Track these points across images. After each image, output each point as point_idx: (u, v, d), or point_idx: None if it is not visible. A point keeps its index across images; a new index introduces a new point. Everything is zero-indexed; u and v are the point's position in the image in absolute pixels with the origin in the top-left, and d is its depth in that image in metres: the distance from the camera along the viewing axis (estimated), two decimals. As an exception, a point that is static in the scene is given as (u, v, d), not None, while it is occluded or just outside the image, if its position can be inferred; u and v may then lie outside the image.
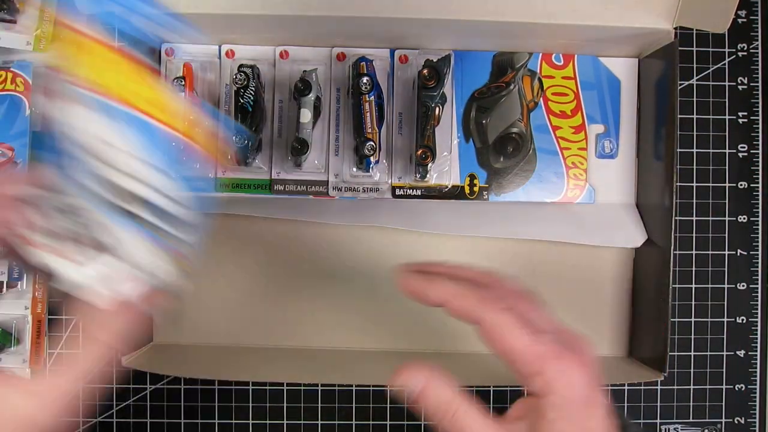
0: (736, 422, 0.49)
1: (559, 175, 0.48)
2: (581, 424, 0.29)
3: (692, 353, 0.50)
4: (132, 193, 0.27)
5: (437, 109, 0.45)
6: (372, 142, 0.44)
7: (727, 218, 0.50)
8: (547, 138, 0.48)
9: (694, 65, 0.50)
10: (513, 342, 0.29)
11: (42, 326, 0.48)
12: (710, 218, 0.50)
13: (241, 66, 0.46)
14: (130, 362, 0.43)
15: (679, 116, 0.48)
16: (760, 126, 0.50)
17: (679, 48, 0.43)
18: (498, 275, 0.33)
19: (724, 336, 0.50)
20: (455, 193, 0.48)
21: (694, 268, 0.50)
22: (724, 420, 0.49)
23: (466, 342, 0.48)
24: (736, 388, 0.50)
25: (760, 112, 0.50)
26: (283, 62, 0.47)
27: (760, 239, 0.50)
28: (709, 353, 0.50)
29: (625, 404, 0.49)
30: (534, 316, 0.31)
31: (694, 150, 0.50)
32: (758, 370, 0.50)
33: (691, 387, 0.49)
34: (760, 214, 0.50)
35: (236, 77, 0.45)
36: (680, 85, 0.49)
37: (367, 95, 0.44)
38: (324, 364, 0.47)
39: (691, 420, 0.49)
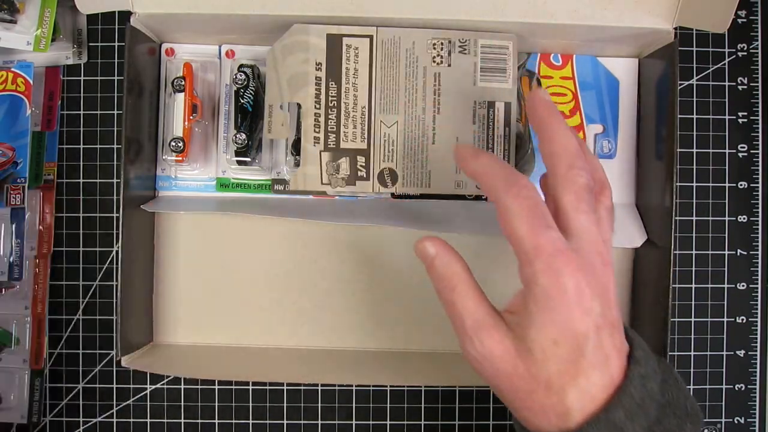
0: (736, 422, 0.49)
1: (559, 175, 0.48)
2: (562, 324, 0.28)
3: (692, 353, 0.50)
4: None
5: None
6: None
7: (727, 218, 0.50)
8: (547, 138, 0.48)
9: (694, 65, 0.50)
10: (515, 228, 0.30)
11: (42, 326, 0.48)
12: (710, 218, 0.50)
13: (241, 66, 0.46)
14: (130, 362, 0.43)
15: (679, 116, 0.48)
16: (760, 126, 0.50)
17: (679, 48, 0.43)
18: (582, 163, 0.32)
19: (724, 336, 0.50)
20: (455, 194, 0.48)
21: (694, 268, 0.50)
22: (724, 420, 0.49)
23: (466, 342, 0.48)
24: (736, 388, 0.50)
25: (760, 112, 0.50)
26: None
27: (760, 239, 0.50)
28: (709, 353, 0.50)
29: (625, 404, 0.49)
30: (576, 215, 0.30)
31: (694, 150, 0.50)
32: (758, 370, 0.50)
33: (691, 387, 0.49)
34: (760, 214, 0.50)
35: (236, 77, 0.45)
36: (680, 85, 0.49)
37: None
38: (324, 364, 0.47)
39: (691, 420, 0.49)
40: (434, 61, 0.44)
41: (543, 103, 0.35)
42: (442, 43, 0.44)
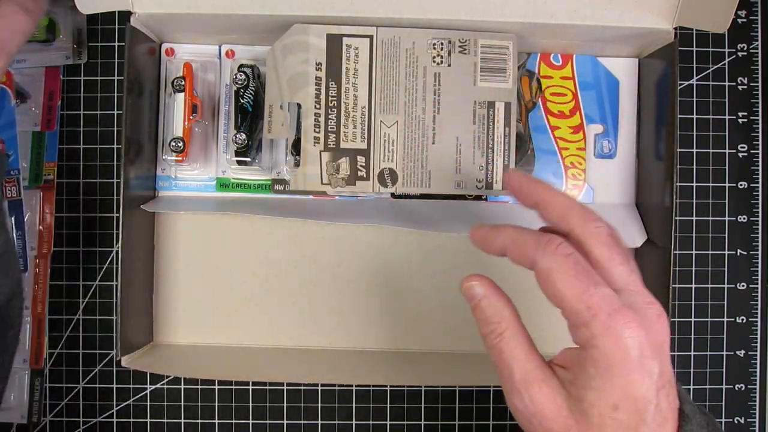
0: (736, 422, 0.49)
1: (558, 176, 0.48)
2: (623, 388, 0.27)
3: (692, 353, 0.50)
4: None
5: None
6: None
7: (727, 218, 0.50)
8: (546, 138, 0.48)
9: (694, 65, 0.50)
10: (564, 289, 0.28)
11: (42, 326, 0.48)
12: (710, 218, 0.50)
13: (241, 66, 0.46)
14: (130, 362, 0.43)
15: (679, 116, 0.48)
16: (760, 126, 0.50)
17: (679, 48, 0.43)
18: (600, 219, 0.31)
19: (724, 336, 0.50)
20: (455, 194, 0.48)
21: (694, 268, 0.50)
22: (724, 420, 0.49)
23: (466, 342, 0.48)
24: (736, 388, 0.50)
25: (760, 112, 0.50)
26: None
27: (760, 239, 0.50)
28: (709, 353, 0.50)
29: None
30: (614, 269, 0.29)
31: (694, 150, 0.50)
32: (758, 370, 0.50)
33: (691, 387, 0.49)
34: (760, 214, 0.50)
35: (236, 77, 0.45)
36: (680, 85, 0.49)
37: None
38: (324, 364, 0.47)
39: (691, 420, 0.49)
40: (434, 61, 0.44)
41: (518, 177, 0.33)
42: (442, 43, 0.44)
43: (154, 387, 0.49)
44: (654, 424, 0.27)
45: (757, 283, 0.50)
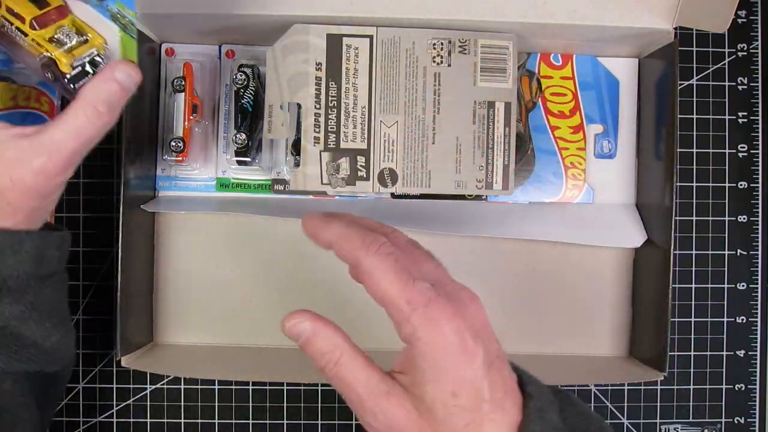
0: (736, 422, 0.49)
1: (558, 176, 0.48)
2: (455, 373, 0.27)
3: (692, 353, 0.50)
4: None
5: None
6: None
7: (727, 218, 0.50)
8: (546, 138, 0.48)
9: (694, 65, 0.50)
10: (385, 286, 0.29)
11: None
12: (710, 218, 0.50)
13: (241, 66, 0.46)
14: (130, 362, 0.43)
15: (679, 116, 0.48)
16: (760, 126, 0.50)
17: (679, 48, 0.43)
18: (395, 230, 0.33)
19: (724, 336, 0.50)
20: (455, 194, 0.48)
21: (694, 268, 0.50)
22: (724, 420, 0.49)
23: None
24: (736, 388, 0.49)
25: (760, 112, 0.50)
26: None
27: (760, 239, 0.50)
28: (709, 353, 0.50)
29: (625, 404, 0.49)
30: (422, 267, 0.30)
31: (694, 150, 0.50)
32: (758, 370, 0.50)
33: (691, 387, 0.49)
34: (760, 214, 0.50)
35: (236, 77, 0.45)
36: (680, 85, 0.49)
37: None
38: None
39: (690, 420, 0.49)
40: (434, 61, 0.44)
41: (310, 220, 0.33)
42: (442, 43, 0.44)
43: (154, 387, 0.49)
44: (493, 401, 0.28)
45: (757, 283, 0.50)
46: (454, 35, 0.44)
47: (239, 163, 0.46)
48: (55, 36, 0.36)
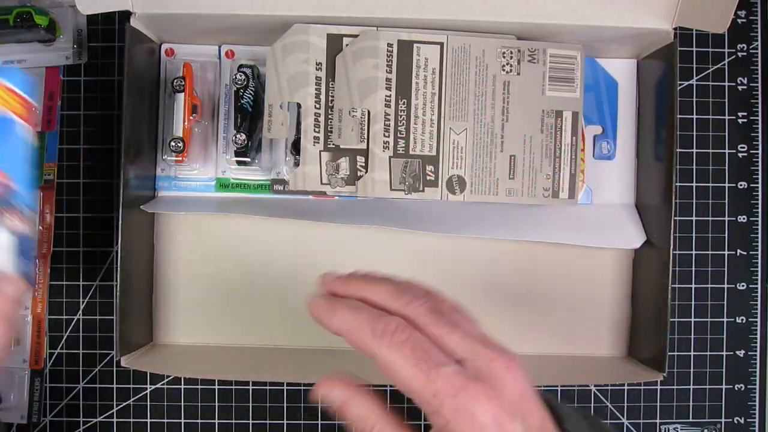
0: (736, 422, 0.49)
1: (559, 175, 0.48)
2: None
3: (692, 353, 0.50)
4: None
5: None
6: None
7: (727, 218, 0.50)
8: (547, 138, 0.48)
9: (694, 65, 0.50)
10: (407, 380, 0.27)
11: (42, 326, 0.48)
12: (710, 218, 0.50)
13: (241, 66, 0.46)
14: (129, 362, 0.43)
15: (678, 116, 0.48)
16: (760, 126, 0.50)
17: (679, 48, 0.43)
18: (418, 288, 0.31)
19: (724, 336, 0.50)
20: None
21: (694, 268, 0.50)
22: (723, 420, 0.49)
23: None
24: (736, 388, 0.49)
25: (760, 112, 0.50)
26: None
27: (760, 239, 0.50)
28: (709, 353, 0.50)
29: (625, 404, 0.49)
30: (448, 339, 0.28)
31: (694, 150, 0.50)
32: (758, 370, 0.50)
33: (691, 387, 0.49)
34: (760, 214, 0.50)
35: (236, 77, 0.45)
36: (680, 85, 0.49)
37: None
38: (324, 364, 0.47)
39: (690, 420, 0.49)
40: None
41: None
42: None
43: (154, 387, 0.49)
44: None
45: (757, 283, 0.50)
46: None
47: (239, 163, 0.46)
48: None
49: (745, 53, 0.50)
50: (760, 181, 0.50)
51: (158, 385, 0.49)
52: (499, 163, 0.45)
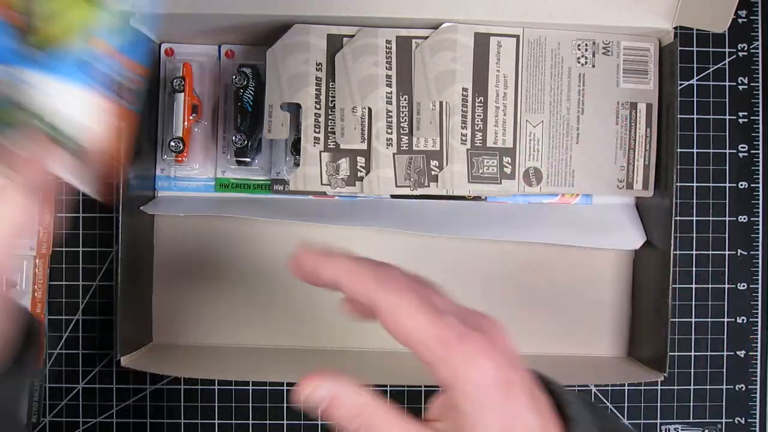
0: (736, 422, 0.49)
1: (559, 175, 0.48)
2: (504, 411, 0.25)
3: (692, 353, 0.49)
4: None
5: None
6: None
7: (727, 218, 0.50)
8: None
9: (694, 65, 0.50)
10: (412, 325, 0.26)
11: (42, 326, 0.48)
12: (710, 218, 0.50)
13: (241, 66, 0.46)
14: (129, 362, 0.43)
15: (679, 116, 0.48)
16: (760, 126, 0.50)
17: (679, 48, 0.43)
18: (395, 265, 0.30)
19: (724, 336, 0.50)
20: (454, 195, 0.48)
21: (694, 268, 0.50)
22: (724, 420, 0.49)
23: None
24: (736, 388, 0.49)
25: (760, 112, 0.50)
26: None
27: (760, 239, 0.50)
28: (709, 353, 0.49)
29: (625, 404, 0.49)
30: (436, 300, 0.28)
31: (694, 150, 0.50)
32: (758, 370, 0.50)
33: (691, 387, 0.49)
34: (760, 214, 0.50)
35: (236, 77, 0.45)
36: (680, 85, 0.49)
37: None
38: (324, 364, 0.47)
39: (691, 420, 0.49)
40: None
41: (304, 257, 0.30)
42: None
43: (154, 387, 0.49)
44: (539, 420, 0.26)
45: (757, 283, 0.50)
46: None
47: (239, 163, 0.46)
48: None
49: (745, 53, 0.50)
50: (760, 181, 0.50)
51: (158, 385, 0.49)
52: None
